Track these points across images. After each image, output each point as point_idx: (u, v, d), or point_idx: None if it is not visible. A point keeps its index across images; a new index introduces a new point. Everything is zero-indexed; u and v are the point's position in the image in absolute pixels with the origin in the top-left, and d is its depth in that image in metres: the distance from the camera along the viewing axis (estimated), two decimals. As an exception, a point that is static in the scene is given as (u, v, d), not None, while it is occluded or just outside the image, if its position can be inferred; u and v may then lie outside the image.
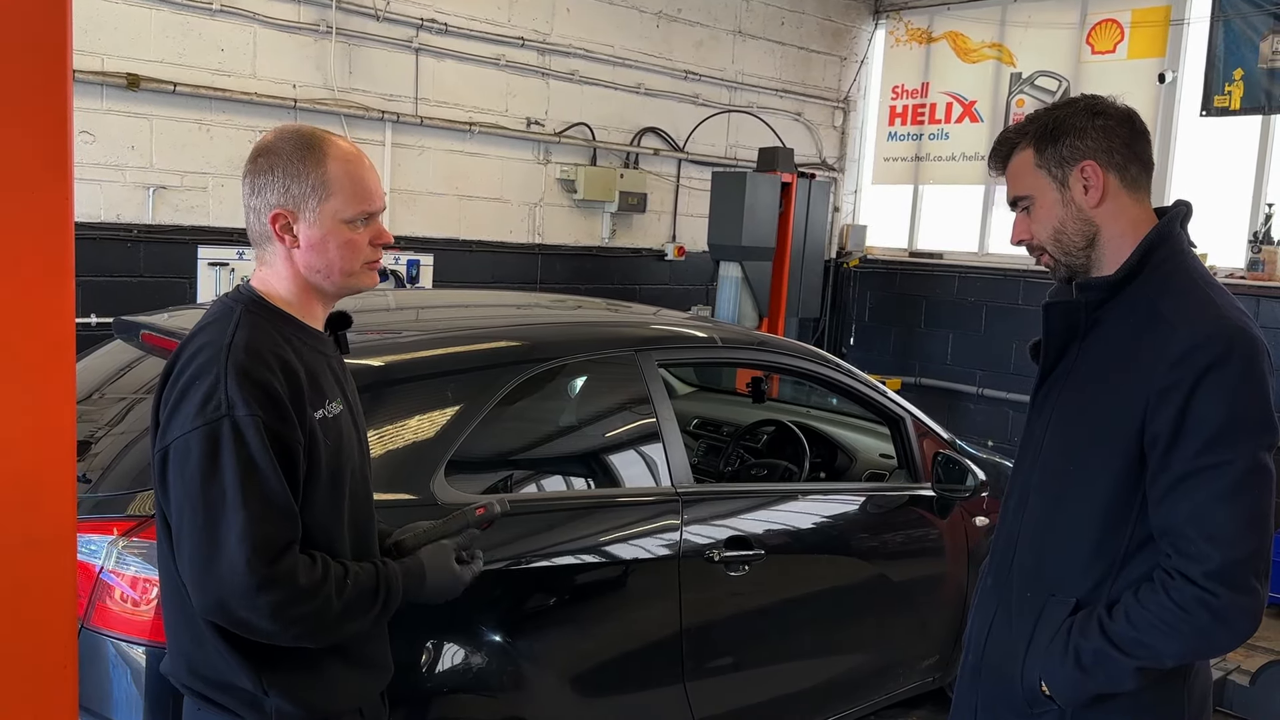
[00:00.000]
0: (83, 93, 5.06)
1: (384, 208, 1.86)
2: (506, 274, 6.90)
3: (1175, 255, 1.87)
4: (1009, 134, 1.97)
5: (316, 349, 1.83)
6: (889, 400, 3.77)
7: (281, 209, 1.76)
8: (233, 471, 1.62)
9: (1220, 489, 1.73)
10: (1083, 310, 1.92)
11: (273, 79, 5.74)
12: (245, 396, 1.64)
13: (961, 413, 8.03)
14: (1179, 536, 1.76)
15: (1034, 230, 1.94)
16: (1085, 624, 1.84)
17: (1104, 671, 1.81)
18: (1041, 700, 1.90)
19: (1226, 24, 6.75)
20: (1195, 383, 1.73)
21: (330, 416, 1.78)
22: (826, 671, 3.47)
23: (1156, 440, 1.77)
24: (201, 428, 1.63)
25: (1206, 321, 1.78)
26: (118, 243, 5.30)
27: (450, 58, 6.44)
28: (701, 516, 3.01)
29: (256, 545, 1.61)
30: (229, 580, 1.61)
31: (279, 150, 1.77)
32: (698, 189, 7.80)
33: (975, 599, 2.17)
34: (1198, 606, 1.73)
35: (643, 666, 2.90)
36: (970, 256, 8.35)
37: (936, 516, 3.71)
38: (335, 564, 1.74)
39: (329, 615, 1.70)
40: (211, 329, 1.74)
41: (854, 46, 8.87)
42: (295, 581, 1.65)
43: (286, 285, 1.81)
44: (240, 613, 1.63)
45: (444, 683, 2.46)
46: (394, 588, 1.81)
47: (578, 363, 3.01)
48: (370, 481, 1.95)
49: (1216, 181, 7.04)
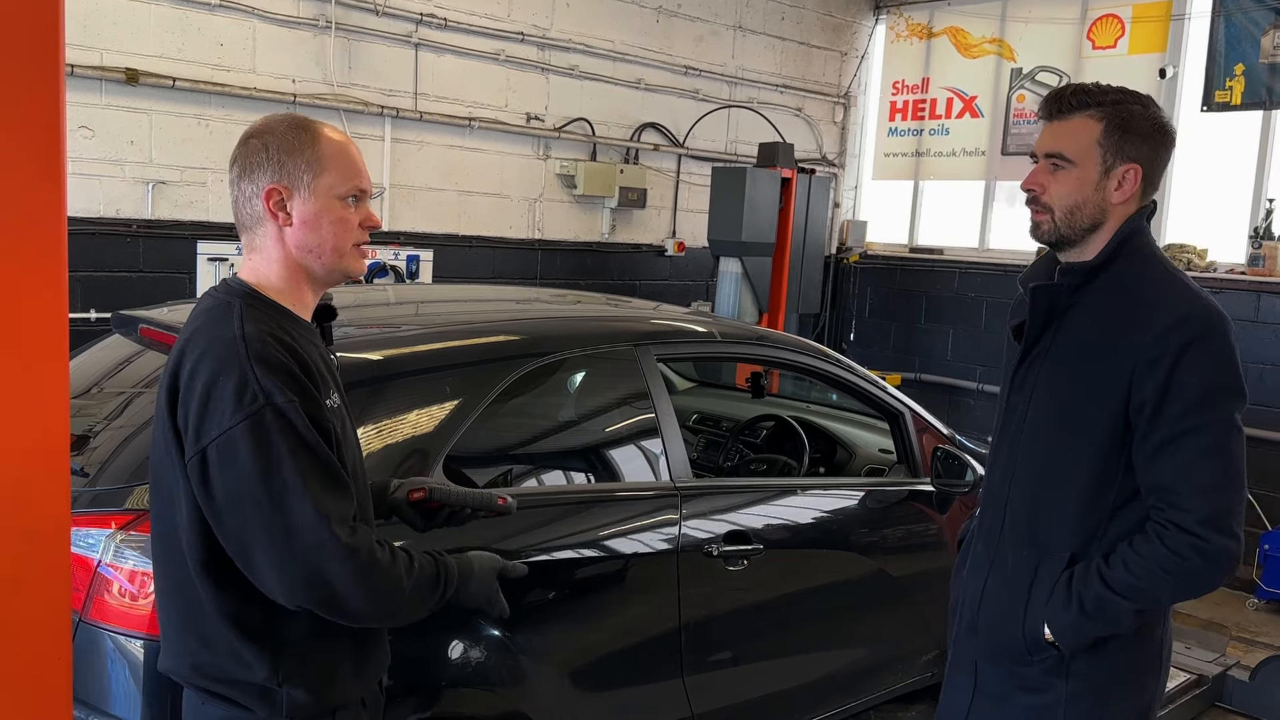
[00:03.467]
0: (82, 87, 5.05)
1: (373, 192, 1.86)
2: (506, 269, 6.89)
3: (1146, 245, 2.06)
4: (1082, 91, 2.05)
5: (310, 340, 1.83)
6: (888, 395, 3.76)
7: (276, 184, 1.76)
8: (289, 455, 1.63)
9: (1204, 447, 1.92)
10: (1063, 292, 2.08)
11: (272, 74, 5.73)
12: (279, 384, 1.64)
13: (961, 408, 8.03)
14: (1169, 491, 1.94)
15: (1053, 191, 2.05)
16: (1085, 574, 2.01)
17: (1105, 616, 1.99)
18: (1044, 647, 2.07)
19: (1228, 19, 6.74)
20: (1179, 354, 1.91)
21: (334, 407, 1.79)
22: (825, 666, 3.47)
23: (1143, 406, 1.95)
24: (244, 421, 1.62)
25: (1186, 300, 1.97)
26: (117, 238, 5.29)
27: (450, 53, 6.43)
28: (700, 511, 3.01)
29: (334, 516, 1.64)
30: (316, 551, 1.62)
31: (271, 130, 1.79)
32: (698, 184, 7.79)
33: (963, 564, 2.32)
34: (1191, 551, 1.91)
35: (642, 661, 2.90)
36: (970, 252, 8.34)
37: (936, 511, 3.71)
38: (398, 549, 1.76)
39: (401, 593, 1.73)
40: (212, 326, 1.72)
41: (854, 42, 8.86)
42: (374, 552, 1.68)
43: (277, 270, 1.80)
44: (333, 581, 1.64)
45: (444, 676, 2.46)
46: (452, 580, 1.84)
47: (577, 357, 3.01)
48: (365, 475, 1.95)
49: (1217, 177, 7.03)
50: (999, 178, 8.15)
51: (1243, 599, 6.06)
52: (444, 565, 1.84)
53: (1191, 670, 4.50)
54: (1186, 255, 6.84)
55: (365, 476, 1.93)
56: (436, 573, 1.82)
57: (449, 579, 1.84)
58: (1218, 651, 4.79)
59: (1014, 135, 7.99)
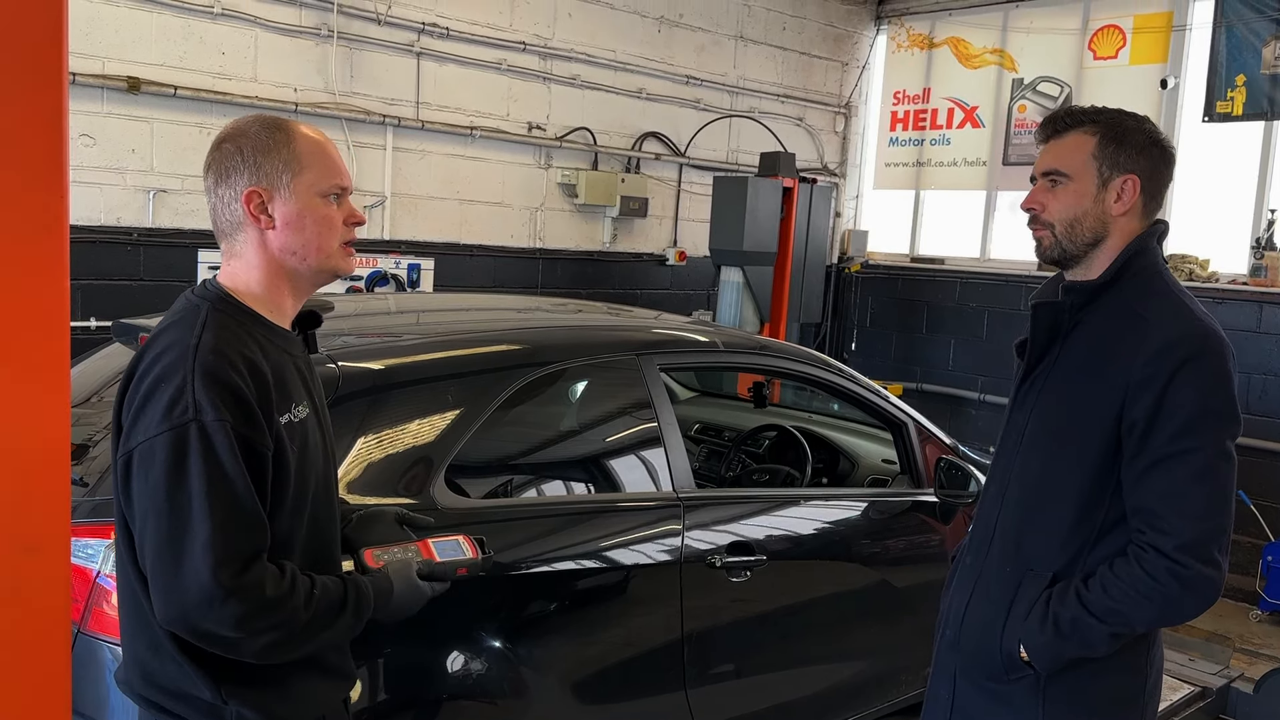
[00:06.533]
0: (83, 95, 5.05)
1: (353, 188, 1.82)
2: (507, 278, 6.89)
3: (1152, 265, 2.04)
4: (1077, 111, 2.08)
5: (284, 349, 1.77)
6: (891, 405, 3.75)
7: (255, 187, 1.71)
8: (200, 478, 1.56)
9: (1191, 472, 1.90)
10: (1067, 311, 2.07)
11: (274, 82, 5.73)
12: (214, 400, 1.58)
13: (963, 418, 8.01)
14: (1152, 514, 1.92)
15: (1052, 208, 2.05)
16: (1063, 594, 2.00)
17: (1080, 637, 1.97)
18: (1019, 666, 2.05)
19: (1229, 30, 6.74)
20: (1171, 376, 1.90)
21: (296, 421, 1.73)
22: (829, 678, 3.45)
23: (1134, 427, 1.93)
24: (168, 432, 1.57)
25: (1182, 322, 1.96)
26: (118, 246, 5.29)
27: (452, 62, 6.43)
28: (703, 522, 2.99)
29: (223, 555, 1.55)
30: (193, 590, 1.54)
31: (244, 132, 1.74)
32: (699, 194, 7.79)
33: (953, 579, 2.30)
34: (1169, 577, 1.89)
35: (644, 673, 2.88)
36: (972, 262, 8.34)
37: (939, 522, 3.69)
38: (303, 577, 1.67)
39: (295, 629, 1.64)
40: (176, 328, 1.68)
41: (855, 52, 8.87)
42: (262, 593, 1.59)
43: (257, 276, 1.75)
44: (204, 625, 1.57)
45: (444, 689, 2.44)
46: (363, 599, 1.76)
47: (579, 366, 3.00)
48: (335, 487, 1.90)
49: (1219, 188, 7.03)
50: (1000, 188, 8.15)
51: (1246, 610, 6.04)
52: (354, 589, 1.75)
53: (1195, 682, 4.47)
54: (1188, 266, 6.84)
55: (332, 491, 1.86)
56: (343, 599, 1.72)
57: (361, 603, 1.75)
58: (1221, 664, 4.77)
59: (1015, 145, 8.00)
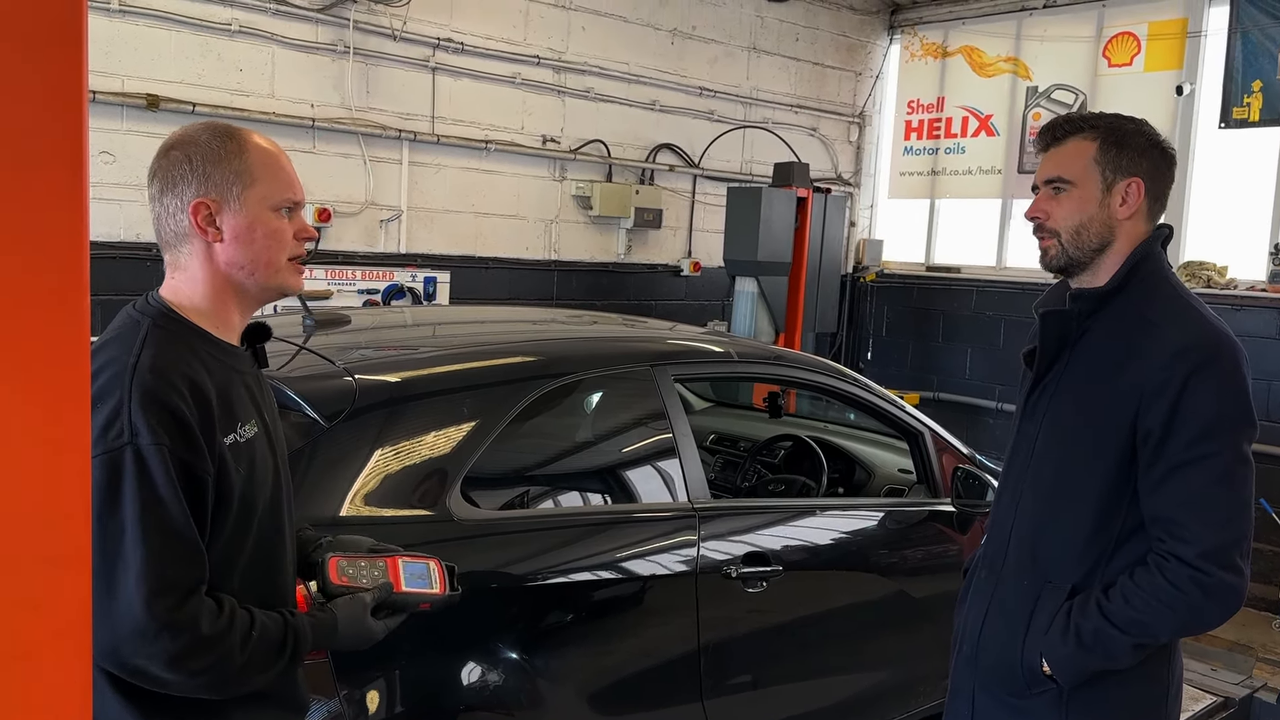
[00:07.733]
0: (103, 113, 5.11)
1: (305, 202, 1.75)
2: (523, 290, 6.91)
3: (1159, 270, 2.02)
4: (1075, 118, 2.07)
5: (230, 366, 1.68)
6: (907, 415, 3.74)
7: (204, 198, 1.62)
8: (134, 505, 1.48)
9: (1210, 478, 1.87)
10: (1075, 319, 2.05)
11: (291, 99, 5.78)
12: (150, 423, 1.50)
13: (980, 427, 7.98)
14: (1172, 522, 1.90)
15: (1057, 215, 2.03)
16: (1084, 606, 1.96)
17: (1103, 649, 1.94)
18: (1042, 680, 2.01)
19: (1244, 36, 6.71)
20: (1185, 381, 1.87)
21: (243, 441, 1.64)
22: (847, 689, 3.43)
23: (1149, 434, 1.91)
24: (101, 456, 1.48)
25: (1193, 326, 1.94)
26: (136, 262, 5.33)
27: (466, 76, 6.47)
28: (719, 532, 2.99)
29: (156, 587, 1.48)
30: (125, 624, 1.47)
31: (194, 140, 1.65)
32: (713, 204, 7.80)
33: (967, 593, 2.27)
34: (1191, 585, 1.86)
35: (660, 684, 2.88)
36: (988, 270, 8.32)
37: (957, 532, 3.68)
38: (243, 613, 1.59)
39: (231, 668, 1.56)
40: (115, 345, 1.60)
41: (869, 62, 8.88)
42: (197, 629, 1.51)
43: (202, 291, 1.66)
44: (135, 660, 1.49)
45: (460, 700, 2.45)
46: (302, 641, 1.67)
47: (594, 378, 3.01)
48: (286, 509, 1.78)
49: (1236, 194, 6.99)
50: (1015, 196, 8.13)
51: (1269, 620, 5.98)
52: (293, 629, 1.66)
53: (1218, 693, 4.43)
54: (1206, 273, 6.80)
55: (281, 511, 1.76)
56: (283, 639, 1.64)
57: (300, 641, 1.66)
58: (1244, 673, 4.73)
59: (1030, 154, 7.97)
